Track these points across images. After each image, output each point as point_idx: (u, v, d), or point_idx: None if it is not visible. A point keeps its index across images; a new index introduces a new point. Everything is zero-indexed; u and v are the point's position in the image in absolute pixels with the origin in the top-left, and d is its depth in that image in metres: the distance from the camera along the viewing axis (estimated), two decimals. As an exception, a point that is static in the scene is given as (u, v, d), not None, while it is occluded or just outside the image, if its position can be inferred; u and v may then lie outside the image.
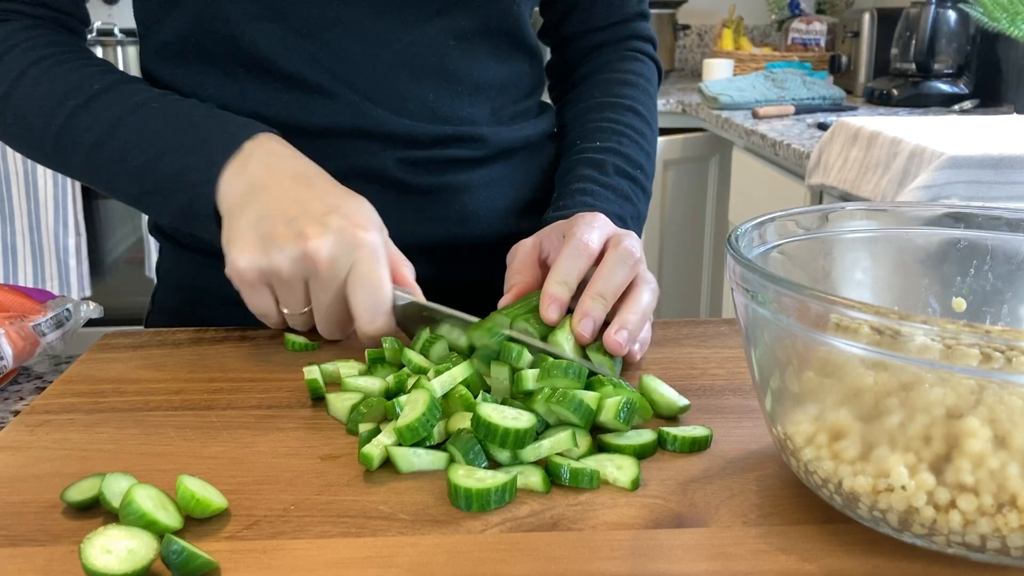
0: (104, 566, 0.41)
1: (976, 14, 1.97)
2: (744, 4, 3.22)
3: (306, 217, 0.63)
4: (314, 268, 0.62)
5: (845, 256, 0.58)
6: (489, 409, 0.52)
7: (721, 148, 2.54)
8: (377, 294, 0.63)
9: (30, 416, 0.59)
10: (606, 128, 0.86)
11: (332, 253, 0.62)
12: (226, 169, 0.67)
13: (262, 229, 0.63)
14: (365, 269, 0.63)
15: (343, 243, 0.63)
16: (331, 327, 0.66)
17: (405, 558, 0.44)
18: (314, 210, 0.64)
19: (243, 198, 0.65)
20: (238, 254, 0.63)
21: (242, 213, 0.65)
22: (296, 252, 0.62)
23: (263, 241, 0.63)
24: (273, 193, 0.65)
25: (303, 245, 0.62)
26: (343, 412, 0.58)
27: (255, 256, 0.63)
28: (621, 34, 0.94)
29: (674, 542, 0.45)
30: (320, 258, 0.62)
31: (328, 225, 0.63)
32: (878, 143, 1.50)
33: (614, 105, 0.88)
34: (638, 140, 0.87)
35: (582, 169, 0.83)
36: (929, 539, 0.42)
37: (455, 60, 0.78)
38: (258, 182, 0.66)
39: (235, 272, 0.64)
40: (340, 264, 0.63)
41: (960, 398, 0.41)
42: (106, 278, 2.57)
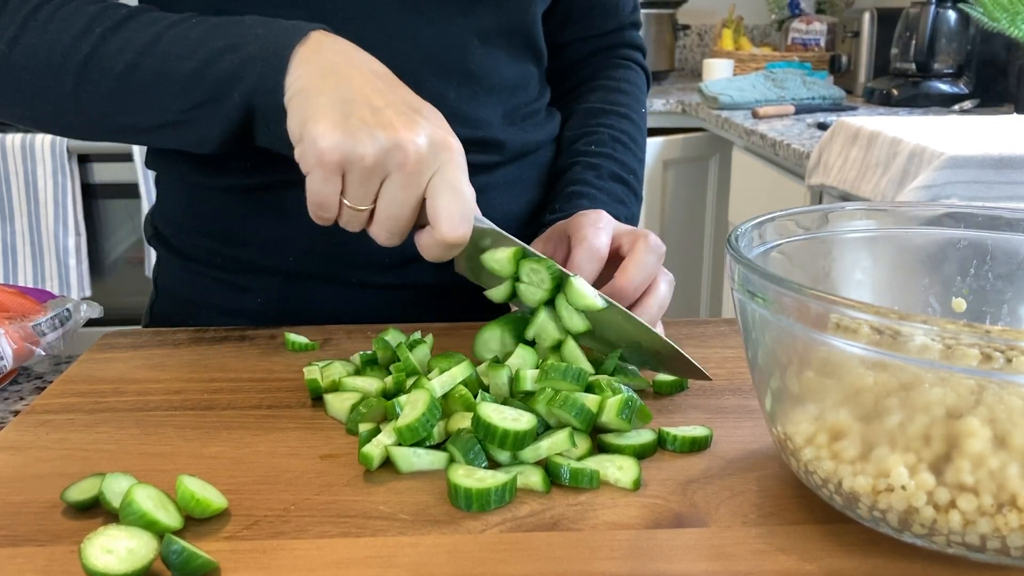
0: (104, 566, 0.41)
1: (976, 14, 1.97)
2: (744, 4, 3.22)
3: (393, 109, 0.59)
4: (403, 160, 0.58)
5: (845, 256, 0.58)
6: (489, 410, 0.52)
7: (721, 148, 2.54)
8: (464, 200, 0.60)
9: (30, 416, 0.59)
10: (602, 133, 0.87)
11: (422, 150, 0.58)
12: (296, 53, 0.62)
13: (347, 111, 0.59)
14: (454, 173, 0.60)
15: (435, 142, 0.59)
16: (392, 227, 0.61)
17: (405, 558, 0.44)
18: (401, 104, 0.60)
19: (321, 78, 0.61)
20: (320, 133, 0.58)
21: (321, 92, 0.60)
22: (387, 141, 0.58)
23: (349, 123, 0.58)
24: (355, 79, 0.60)
25: (395, 135, 0.58)
26: (343, 412, 0.58)
27: (342, 138, 0.58)
28: (614, 42, 0.95)
29: (674, 542, 0.45)
30: (411, 151, 0.58)
31: (418, 122, 0.59)
32: (878, 143, 1.50)
33: (608, 112, 0.89)
34: (631, 147, 0.87)
35: (578, 173, 0.83)
36: (929, 539, 0.42)
37: (476, 60, 0.78)
38: (335, 66, 0.61)
39: (315, 153, 0.58)
40: (427, 163, 0.59)
41: (960, 398, 0.41)
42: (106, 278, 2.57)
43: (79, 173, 2.39)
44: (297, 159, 0.60)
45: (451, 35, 0.77)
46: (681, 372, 0.63)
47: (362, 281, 0.80)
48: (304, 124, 0.59)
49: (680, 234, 2.57)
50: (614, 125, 0.88)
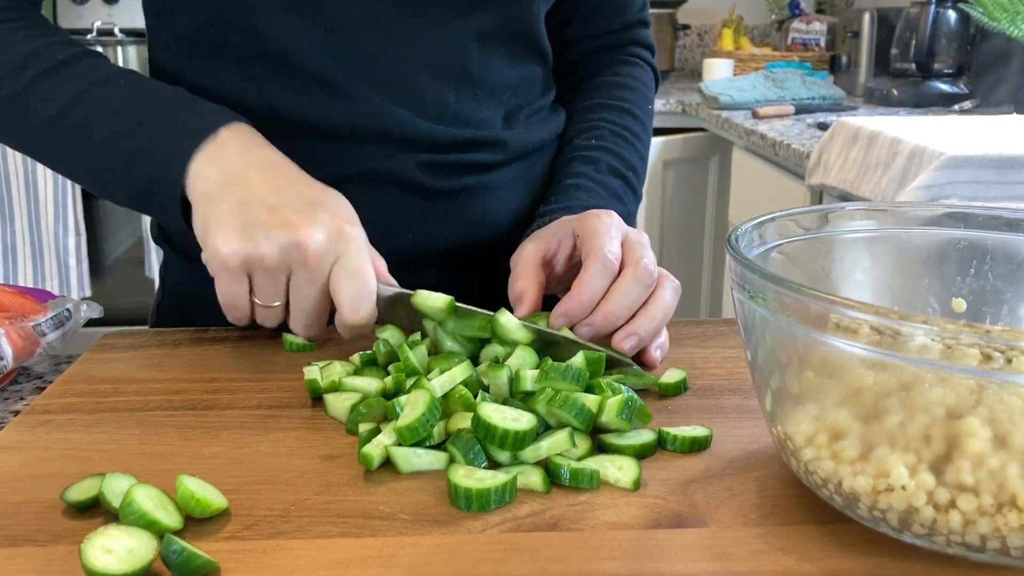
0: (104, 566, 0.41)
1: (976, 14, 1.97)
2: (744, 4, 3.21)
3: (291, 207, 0.62)
4: (303, 258, 0.61)
5: (845, 256, 0.58)
6: (489, 410, 0.52)
7: (721, 148, 2.54)
8: (364, 285, 0.63)
9: (30, 416, 0.59)
10: (602, 128, 0.86)
11: (321, 244, 0.61)
12: (199, 153, 0.65)
13: (245, 216, 0.62)
14: (352, 261, 0.63)
15: (331, 235, 0.62)
16: (308, 320, 0.65)
17: (405, 558, 0.44)
18: (298, 201, 0.63)
19: (221, 185, 0.64)
20: (221, 241, 0.61)
21: (221, 200, 0.63)
22: (284, 240, 0.61)
23: (247, 228, 0.61)
24: (253, 182, 0.64)
25: (292, 234, 0.61)
26: (343, 412, 0.58)
27: (240, 243, 0.61)
28: (621, 40, 0.94)
29: (674, 542, 0.45)
30: (310, 247, 0.61)
31: (315, 216, 0.62)
32: (878, 143, 1.50)
33: (611, 107, 0.88)
34: (633, 142, 0.87)
35: (576, 166, 0.83)
36: (929, 539, 0.42)
37: (476, 62, 0.78)
38: (236, 171, 0.64)
39: (217, 259, 0.62)
40: (328, 256, 0.62)
41: (960, 398, 0.41)
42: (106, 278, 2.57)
43: (79, 173, 2.38)
44: (204, 262, 0.64)
45: (450, 38, 0.77)
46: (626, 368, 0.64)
47: None
48: (206, 232, 0.63)
49: (680, 234, 2.57)
50: (615, 120, 0.87)
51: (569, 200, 0.78)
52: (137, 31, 2.65)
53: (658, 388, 0.63)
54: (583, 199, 0.79)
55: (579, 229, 0.69)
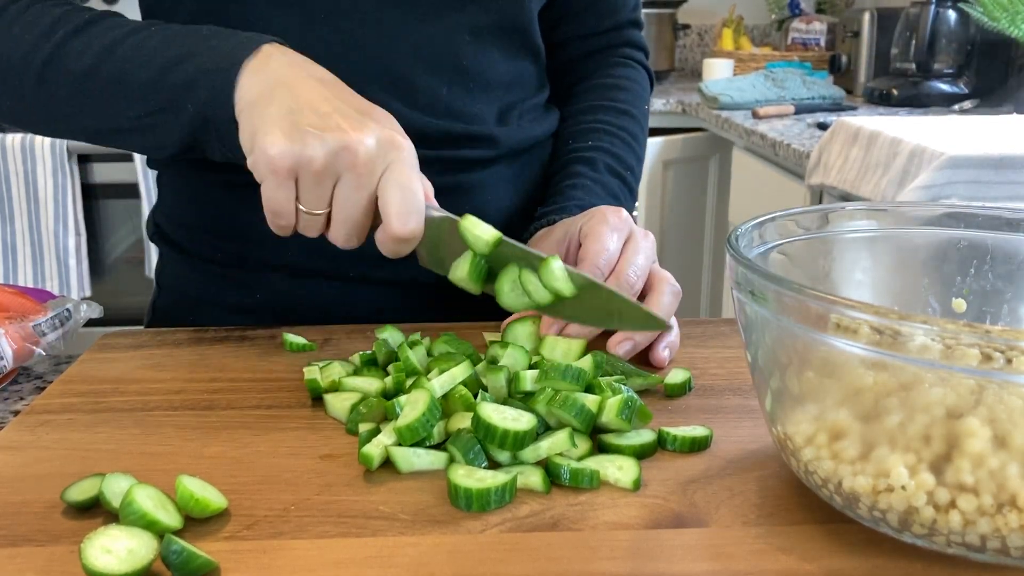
0: (104, 566, 0.41)
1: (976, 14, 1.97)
2: (744, 4, 3.21)
3: (340, 113, 0.61)
4: (352, 161, 0.60)
5: (845, 256, 0.58)
6: (489, 410, 0.52)
7: (721, 148, 2.54)
8: (413, 197, 0.61)
9: (30, 416, 0.59)
10: (599, 129, 0.86)
11: (371, 149, 0.60)
12: (246, 67, 0.63)
13: (294, 119, 0.60)
14: (403, 171, 0.61)
15: (383, 141, 0.61)
16: (350, 230, 0.62)
17: (405, 558, 0.44)
18: (347, 108, 0.62)
19: (269, 90, 0.62)
20: (270, 142, 0.59)
21: (269, 103, 0.61)
22: (335, 143, 0.59)
23: (298, 130, 0.60)
24: (302, 89, 0.62)
25: (343, 137, 0.59)
26: (343, 412, 0.58)
27: (290, 144, 0.59)
28: (613, 41, 0.94)
29: (674, 542, 0.45)
30: (359, 151, 0.59)
31: (366, 123, 0.61)
32: (878, 143, 1.50)
33: (607, 108, 0.89)
34: (630, 143, 0.87)
35: (573, 166, 0.83)
36: (929, 539, 0.42)
37: (469, 56, 0.78)
38: (283, 78, 0.63)
39: (265, 161, 0.60)
40: (377, 162, 0.60)
41: (960, 398, 0.41)
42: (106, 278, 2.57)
43: (79, 173, 2.39)
44: (250, 168, 0.62)
45: (443, 32, 0.77)
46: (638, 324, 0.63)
47: (363, 277, 0.80)
48: (254, 135, 0.61)
49: (680, 234, 2.57)
50: (611, 121, 0.87)
51: (566, 200, 0.79)
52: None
53: (664, 388, 0.63)
54: (581, 199, 0.79)
55: (584, 229, 0.70)
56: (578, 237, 0.71)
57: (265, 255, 0.80)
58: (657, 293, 0.68)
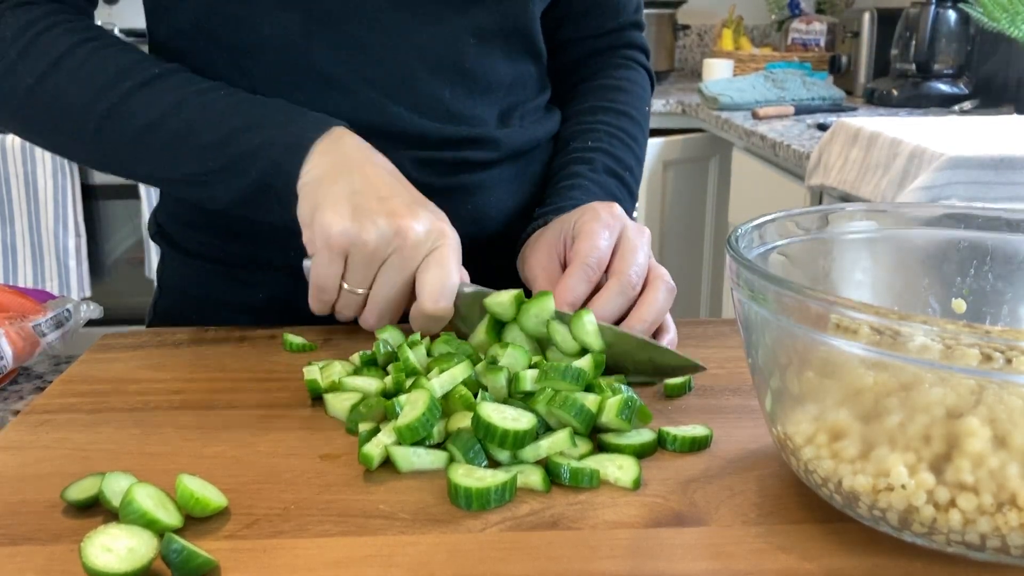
0: (104, 565, 0.41)
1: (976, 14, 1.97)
2: (744, 4, 3.22)
3: (399, 199, 0.65)
4: (401, 243, 0.63)
5: (845, 256, 0.58)
6: (489, 409, 0.52)
7: (721, 149, 2.54)
8: (448, 277, 0.65)
9: (30, 416, 0.59)
10: (599, 130, 0.87)
11: (420, 235, 0.64)
12: (318, 144, 0.67)
13: (357, 201, 0.64)
14: (444, 255, 0.65)
15: (431, 230, 0.65)
16: (385, 310, 0.66)
17: (405, 557, 0.44)
18: (406, 195, 0.66)
19: (337, 170, 0.66)
20: (332, 219, 0.63)
21: (335, 182, 0.65)
22: (389, 228, 0.63)
23: (357, 211, 0.64)
24: (368, 173, 0.66)
25: (398, 222, 0.63)
26: (343, 412, 0.58)
27: (350, 224, 0.63)
28: (615, 42, 0.94)
29: (674, 541, 0.45)
30: (409, 236, 0.63)
31: (419, 211, 0.65)
32: (878, 144, 1.50)
33: (607, 109, 0.89)
34: (630, 144, 0.87)
35: (572, 167, 0.84)
36: (929, 538, 0.42)
37: (472, 59, 0.79)
38: (352, 160, 0.67)
39: (324, 236, 0.64)
40: (424, 247, 0.64)
41: (960, 398, 0.41)
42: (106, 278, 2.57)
43: (79, 174, 2.39)
44: (305, 242, 0.66)
45: (447, 34, 0.77)
46: (677, 371, 0.63)
47: None
48: (316, 210, 0.64)
49: (680, 234, 2.57)
50: (611, 122, 0.88)
51: (564, 200, 0.79)
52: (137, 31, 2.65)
53: (664, 388, 0.63)
54: (579, 198, 0.79)
55: (576, 227, 0.70)
56: (572, 233, 0.71)
57: (267, 255, 0.80)
58: (652, 291, 0.68)
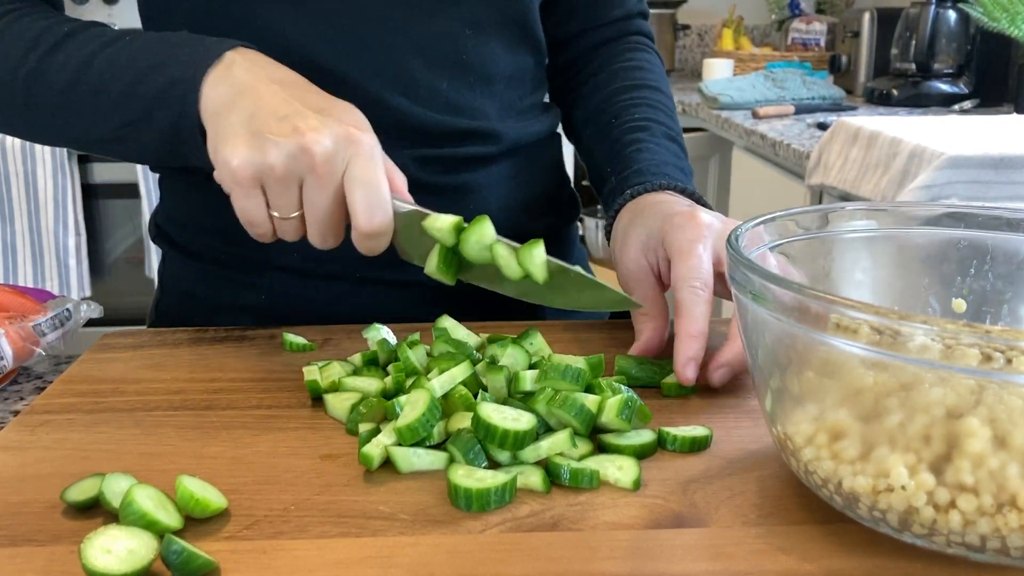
0: (104, 566, 0.41)
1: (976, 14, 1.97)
2: (744, 4, 3.21)
3: (299, 116, 0.61)
4: (311, 163, 0.60)
5: (845, 256, 0.58)
6: (489, 410, 0.52)
7: (721, 148, 2.54)
8: (376, 192, 0.61)
9: (30, 416, 0.59)
10: (641, 103, 0.85)
11: (329, 148, 0.60)
12: (208, 76, 0.64)
13: (254, 126, 0.61)
14: (363, 166, 0.61)
15: (340, 139, 0.61)
16: (324, 231, 0.63)
17: (405, 558, 0.44)
18: (306, 109, 0.62)
19: (229, 99, 0.63)
20: (230, 152, 0.60)
21: (230, 112, 0.62)
22: (292, 147, 0.60)
23: (256, 138, 0.60)
24: (261, 94, 0.63)
25: (299, 139, 0.60)
26: (343, 412, 0.58)
27: (249, 152, 0.60)
28: (624, 30, 0.94)
29: (674, 542, 0.45)
30: (317, 152, 0.60)
31: (323, 122, 0.61)
32: (878, 143, 1.50)
33: (639, 86, 0.88)
34: (670, 115, 0.86)
35: (631, 135, 0.82)
36: (929, 539, 0.42)
37: (470, 50, 0.79)
38: (243, 85, 0.63)
39: (228, 172, 0.61)
40: (337, 160, 0.61)
41: (960, 398, 0.41)
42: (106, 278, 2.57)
43: (79, 173, 2.39)
44: (217, 180, 0.63)
45: (443, 26, 0.77)
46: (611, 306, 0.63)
47: (366, 277, 0.80)
48: (216, 147, 0.62)
49: (680, 234, 2.56)
50: (648, 96, 0.86)
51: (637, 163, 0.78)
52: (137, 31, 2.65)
53: (662, 388, 0.63)
54: (649, 159, 0.78)
55: (667, 245, 0.67)
56: (663, 251, 0.68)
57: (267, 256, 0.79)
58: None
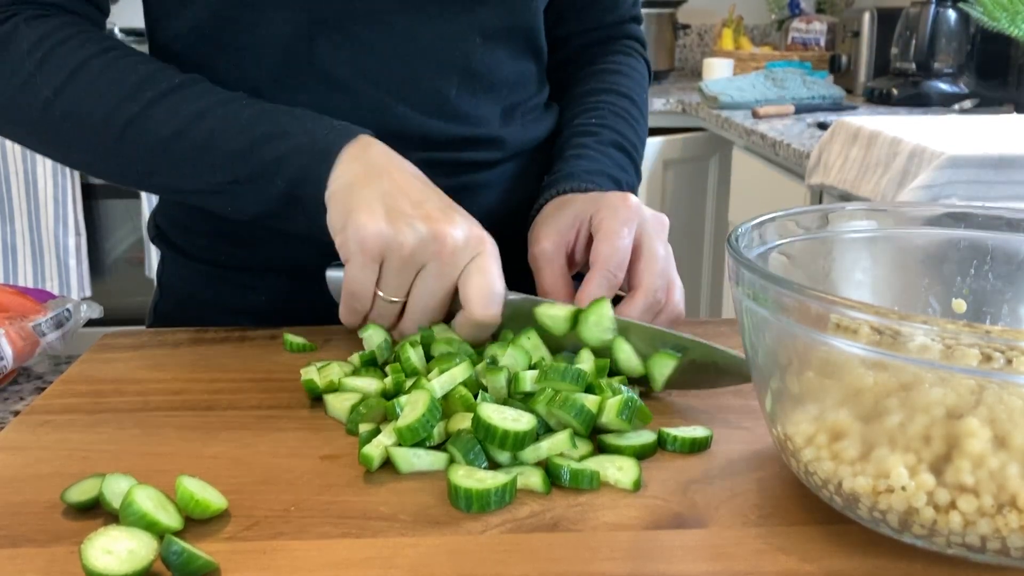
0: (104, 567, 0.41)
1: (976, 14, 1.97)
2: (744, 4, 3.21)
3: (433, 204, 0.64)
4: (439, 250, 0.62)
5: (845, 256, 0.58)
6: (489, 410, 0.52)
7: (721, 148, 2.54)
8: (495, 283, 0.63)
9: (30, 416, 0.59)
10: (602, 108, 0.87)
11: (458, 241, 0.62)
12: (346, 151, 0.65)
13: (389, 203, 0.62)
14: (486, 262, 0.63)
15: (469, 236, 0.63)
16: (422, 318, 0.65)
17: (405, 559, 0.44)
18: (439, 201, 0.65)
19: (368, 174, 0.64)
20: (367, 220, 0.61)
21: (366, 187, 0.63)
22: (426, 232, 0.62)
23: (392, 213, 0.62)
24: (397, 177, 0.65)
25: (434, 227, 0.62)
26: (343, 412, 0.58)
27: (384, 226, 0.61)
28: (614, 34, 0.95)
29: (674, 543, 0.45)
30: (447, 241, 0.62)
31: (455, 217, 0.64)
32: (878, 143, 1.50)
33: (608, 90, 0.89)
34: (632, 124, 0.87)
35: (577, 139, 0.83)
36: (929, 540, 0.42)
37: (477, 58, 0.79)
38: (381, 167, 0.65)
39: (358, 239, 0.62)
40: (463, 254, 0.63)
41: (960, 398, 0.41)
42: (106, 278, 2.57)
43: (79, 173, 2.39)
44: (338, 247, 0.64)
45: (454, 33, 0.77)
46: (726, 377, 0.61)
47: None
48: (349, 214, 0.62)
49: (680, 234, 2.57)
50: (613, 102, 0.88)
51: (572, 167, 0.79)
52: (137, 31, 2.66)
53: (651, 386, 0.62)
54: (587, 166, 0.79)
55: (595, 222, 0.70)
56: (588, 228, 0.71)
57: (265, 257, 0.79)
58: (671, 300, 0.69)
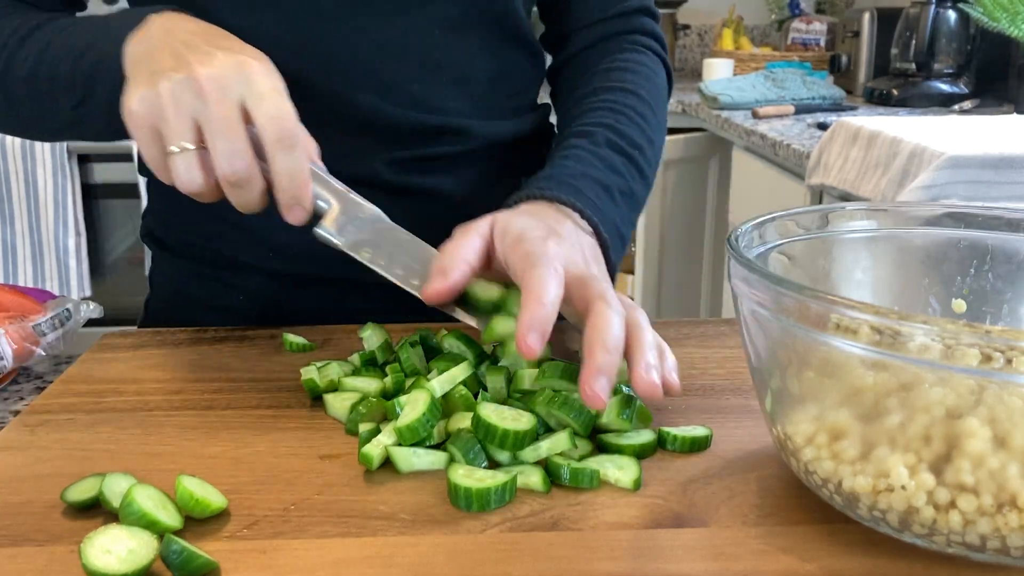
0: (104, 566, 0.41)
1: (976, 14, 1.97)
2: (744, 4, 3.21)
3: (195, 53, 0.59)
4: (197, 87, 0.57)
5: (845, 256, 0.58)
6: (489, 410, 0.52)
7: (721, 148, 2.54)
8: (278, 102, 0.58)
9: (30, 416, 0.59)
10: (603, 108, 0.80)
11: (214, 71, 0.58)
12: (128, 41, 0.64)
13: (152, 67, 0.60)
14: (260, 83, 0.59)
15: (226, 65, 0.59)
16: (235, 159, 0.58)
17: (405, 558, 0.44)
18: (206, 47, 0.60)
19: (145, 53, 0.62)
20: (131, 93, 0.59)
21: (140, 61, 0.61)
22: (180, 78, 0.58)
23: (153, 77, 0.59)
24: (168, 43, 0.61)
25: (188, 69, 0.58)
26: (342, 412, 0.58)
27: (144, 91, 0.58)
28: (621, 28, 0.89)
29: (674, 542, 0.45)
30: (201, 73, 0.57)
31: (213, 54, 0.59)
32: (878, 143, 1.50)
33: (611, 88, 0.83)
34: (638, 122, 0.80)
35: (569, 140, 0.77)
36: (929, 539, 0.42)
37: (441, 50, 0.78)
38: (158, 40, 0.62)
39: (127, 114, 0.59)
40: (226, 81, 0.58)
41: (960, 398, 0.41)
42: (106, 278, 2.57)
43: (79, 173, 2.39)
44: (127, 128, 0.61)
45: (410, 27, 0.76)
46: None
47: (355, 280, 0.79)
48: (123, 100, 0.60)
49: (680, 234, 2.57)
50: (615, 99, 0.81)
51: (552, 169, 0.72)
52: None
53: None
54: (572, 168, 0.72)
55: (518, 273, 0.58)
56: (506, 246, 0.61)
57: (248, 256, 0.80)
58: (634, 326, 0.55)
